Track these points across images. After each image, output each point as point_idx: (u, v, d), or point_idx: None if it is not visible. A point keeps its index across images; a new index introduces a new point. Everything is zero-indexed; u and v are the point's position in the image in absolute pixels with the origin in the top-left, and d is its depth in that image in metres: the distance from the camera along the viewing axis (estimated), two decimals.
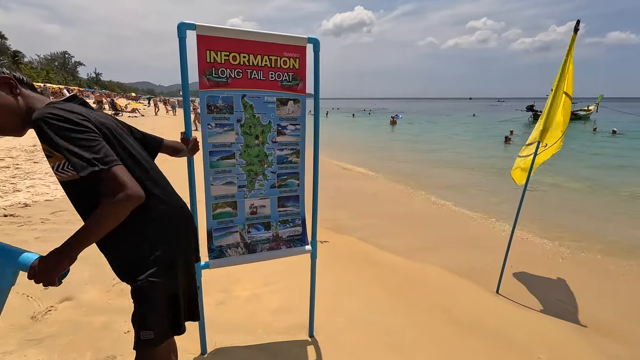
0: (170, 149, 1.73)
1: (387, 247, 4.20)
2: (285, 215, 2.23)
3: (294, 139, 2.17)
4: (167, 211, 1.29)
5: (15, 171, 5.76)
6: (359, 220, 5.20)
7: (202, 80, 1.86)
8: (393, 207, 6.08)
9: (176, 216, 1.34)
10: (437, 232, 4.97)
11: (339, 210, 5.65)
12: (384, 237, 4.58)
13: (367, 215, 5.47)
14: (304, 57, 2.07)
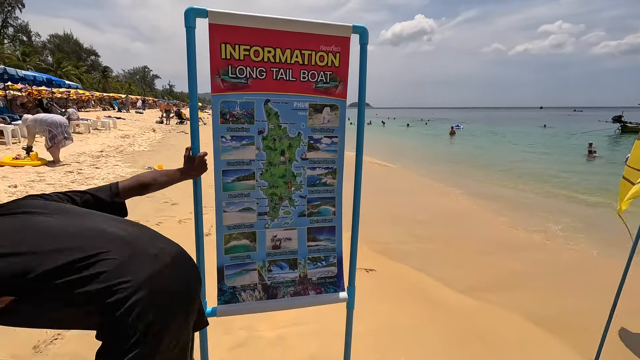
0: (135, 190, 1.33)
1: (451, 281, 3.50)
2: (316, 251, 1.77)
3: (329, 155, 1.70)
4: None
5: (77, 176, 6.07)
6: (416, 244, 4.55)
7: (216, 81, 1.49)
8: (459, 230, 5.30)
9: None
10: (518, 265, 4.09)
11: (391, 229, 5.04)
12: (447, 267, 3.89)
13: (426, 238, 4.79)
14: (346, 51, 1.61)
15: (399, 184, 9.08)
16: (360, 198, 1.75)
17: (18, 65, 35.59)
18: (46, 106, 15.03)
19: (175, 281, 0.92)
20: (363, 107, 1.68)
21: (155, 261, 0.90)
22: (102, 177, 6.14)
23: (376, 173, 10.19)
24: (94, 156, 8.25)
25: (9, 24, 49.57)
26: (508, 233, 5.27)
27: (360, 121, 1.68)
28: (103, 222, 0.97)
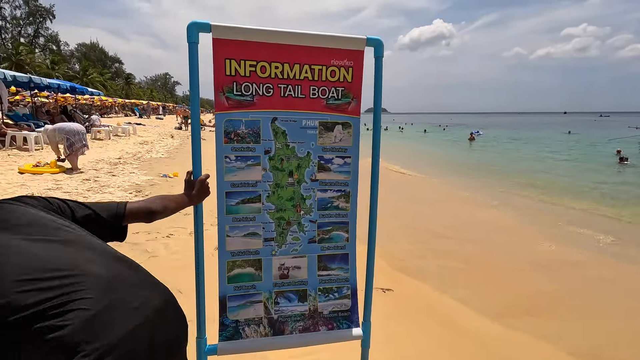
0: (142, 216, 1.19)
1: (475, 304, 3.26)
2: (328, 281, 1.63)
3: (342, 176, 1.57)
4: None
5: (93, 184, 6.14)
6: (436, 260, 4.32)
7: (220, 99, 1.38)
8: (484, 244, 5.03)
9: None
10: (552, 286, 3.76)
11: (409, 243, 4.83)
12: (470, 287, 3.65)
13: (448, 254, 4.55)
14: (360, 65, 1.48)
15: (417, 192, 8.84)
16: (377, 214, 1.61)
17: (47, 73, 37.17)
18: (70, 113, 15.53)
19: (157, 339, 0.80)
20: (378, 123, 1.54)
21: (135, 316, 0.77)
22: (117, 185, 6.19)
23: (394, 181, 9.97)
24: (111, 163, 8.38)
25: (40, 34, 51.94)
26: (538, 249, 4.96)
27: (375, 139, 1.54)
28: (85, 254, 0.85)
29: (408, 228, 5.51)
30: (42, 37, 52.43)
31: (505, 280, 3.89)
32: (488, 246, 5.00)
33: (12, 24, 48.65)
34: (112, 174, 7.19)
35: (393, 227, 5.46)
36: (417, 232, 5.39)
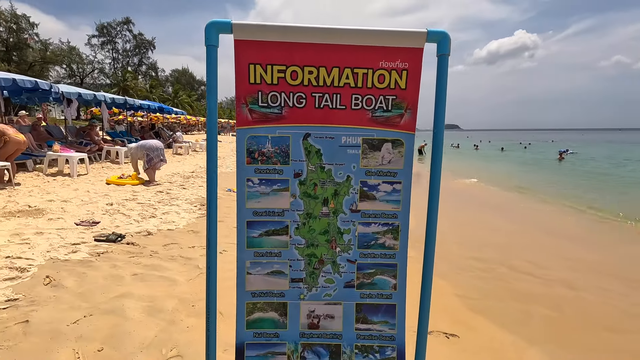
0: None
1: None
2: (368, 337, 1.29)
3: (390, 207, 1.25)
4: None
5: (165, 196, 6.56)
6: (518, 304, 3.61)
7: (242, 112, 1.18)
8: (584, 289, 4.14)
9: None
10: None
11: (483, 278, 4.16)
12: (561, 343, 2.93)
13: (534, 298, 3.81)
14: (417, 66, 1.17)
15: (491, 217, 7.85)
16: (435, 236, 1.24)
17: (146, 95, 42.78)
18: (157, 130, 17.38)
19: None
20: (440, 135, 1.19)
21: None
22: (185, 198, 6.52)
23: (461, 203, 9.06)
24: (185, 177, 8.98)
25: (143, 63, 60.37)
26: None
27: (436, 155, 1.19)
28: None
29: (480, 261, 4.79)
30: (144, 65, 60.81)
31: (611, 341, 3.04)
32: (587, 292, 4.07)
33: (122, 56, 57.33)
34: (183, 187, 7.65)
35: (460, 257, 4.80)
36: (491, 266, 4.65)
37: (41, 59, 37.48)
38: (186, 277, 3.35)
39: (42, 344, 2.19)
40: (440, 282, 3.92)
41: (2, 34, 34.58)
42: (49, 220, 4.66)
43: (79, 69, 48.32)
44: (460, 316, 3.21)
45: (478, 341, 2.83)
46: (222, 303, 2.10)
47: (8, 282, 2.95)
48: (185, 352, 2.22)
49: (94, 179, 7.84)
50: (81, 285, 3.02)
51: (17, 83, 8.14)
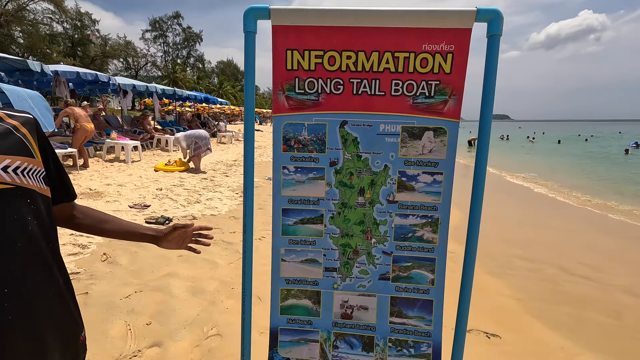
0: (93, 218, 1.03)
1: None
2: (403, 332, 1.26)
3: (429, 198, 1.19)
4: None
5: (209, 183, 6.87)
6: (570, 308, 3.36)
7: (279, 99, 1.18)
8: None
9: None
10: None
11: (529, 280, 3.91)
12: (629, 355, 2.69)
13: (589, 303, 3.52)
14: (464, 48, 1.09)
15: (542, 215, 7.33)
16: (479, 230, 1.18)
17: (194, 87, 44.76)
18: (203, 120, 18.15)
19: None
20: (488, 124, 1.11)
21: None
22: (227, 185, 6.78)
23: (510, 199, 8.54)
24: (227, 165, 9.33)
25: (191, 55, 63.01)
26: None
27: (482, 145, 1.11)
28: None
29: (527, 260, 4.49)
30: (192, 57, 63.43)
31: None
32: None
33: (172, 49, 60.25)
34: (226, 174, 7.96)
35: (505, 255, 4.54)
36: (540, 266, 4.35)
37: (101, 54, 40.53)
38: (227, 261, 3.50)
39: (99, 315, 2.41)
40: (483, 280, 3.74)
41: (69, 31, 37.78)
42: (106, 202, 5.07)
43: (134, 62, 51.60)
44: (503, 317, 3.05)
45: (521, 343, 2.67)
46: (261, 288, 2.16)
47: (72, 257, 3.26)
48: (224, 332, 2.33)
49: (145, 165, 8.40)
50: (133, 263, 3.27)
51: (80, 76, 8.87)
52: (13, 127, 0.77)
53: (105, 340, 2.16)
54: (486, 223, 4.28)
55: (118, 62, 47.72)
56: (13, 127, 0.77)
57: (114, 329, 2.27)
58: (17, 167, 0.73)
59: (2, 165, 0.70)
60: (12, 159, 0.72)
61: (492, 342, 2.67)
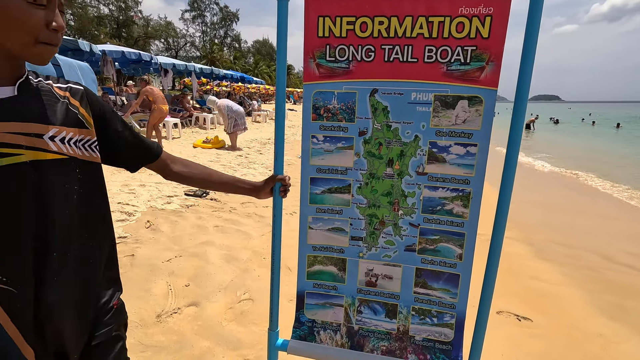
0: (193, 170, 1.11)
1: None
2: (426, 302, 1.27)
3: (461, 171, 1.16)
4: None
5: (244, 160, 7.07)
6: (612, 296, 3.19)
7: (309, 66, 1.18)
8: None
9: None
10: None
11: (567, 267, 3.74)
12: None
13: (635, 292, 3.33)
14: (504, 11, 1.03)
15: (586, 201, 6.87)
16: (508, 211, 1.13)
17: (230, 67, 45.39)
18: (239, 99, 18.46)
19: None
20: (525, 94, 1.05)
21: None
22: (261, 163, 6.94)
23: (549, 182, 8.05)
24: (262, 143, 9.52)
25: (228, 35, 63.59)
26: None
27: (516, 118, 1.06)
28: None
29: (566, 246, 4.27)
30: (229, 37, 64.00)
31: None
32: None
33: (210, 29, 61.07)
34: (260, 152, 8.14)
35: (542, 240, 4.34)
36: (580, 253, 4.12)
37: (144, 34, 41.98)
38: (259, 233, 3.64)
39: (143, 275, 2.62)
40: (517, 263, 3.62)
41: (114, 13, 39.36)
42: (149, 175, 5.39)
43: (174, 43, 53.03)
44: (536, 300, 2.96)
45: (555, 328, 2.59)
46: (291, 259, 2.24)
47: (119, 223, 3.53)
48: (255, 297, 2.46)
49: (185, 142, 8.77)
50: (173, 230, 3.49)
51: (125, 55, 9.29)
52: (64, 98, 0.80)
53: (149, 297, 2.36)
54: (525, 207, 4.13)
55: (159, 42, 49.27)
56: (64, 98, 0.80)
57: (156, 288, 2.47)
58: (69, 138, 0.78)
59: (52, 135, 0.75)
60: (61, 129, 0.76)
61: (523, 324, 2.61)
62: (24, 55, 0.70)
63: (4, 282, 0.71)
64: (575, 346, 2.43)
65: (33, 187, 0.72)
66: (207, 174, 1.14)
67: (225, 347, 1.99)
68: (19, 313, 0.73)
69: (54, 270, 0.77)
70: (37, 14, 0.67)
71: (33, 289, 0.75)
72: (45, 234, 0.75)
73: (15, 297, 0.72)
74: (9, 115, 0.70)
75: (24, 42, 0.67)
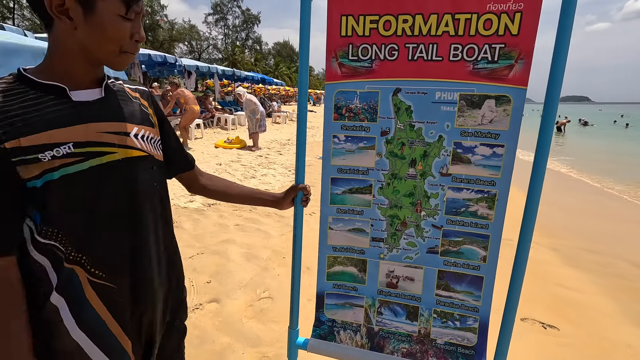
0: (218, 184, 1.16)
1: None
2: (449, 305, 1.25)
3: (486, 172, 1.14)
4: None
5: (264, 160, 7.16)
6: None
7: (332, 66, 1.19)
8: None
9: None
10: None
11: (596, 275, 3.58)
12: None
13: None
14: (535, 6, 1.00)
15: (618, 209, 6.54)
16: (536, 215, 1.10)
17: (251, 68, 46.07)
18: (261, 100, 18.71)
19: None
20: (556, 91, 1.01)
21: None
22: (281, 163, 7.00)
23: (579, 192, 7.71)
24: (281, 143, 9.60)
25: (249, 37, 64.61)
26: None
27: (547, 119, 1.03)
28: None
29: (597, 254, 4.08)
30: (250, 39, 64.99)
31: None
32: None
33: (232, 31, 62.20)
34: (280, 153, 8.21)
35: (569, 246, 4.17)
36: (612, 261, 3.93)
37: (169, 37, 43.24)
38: (279, 232, 3.67)
39: None
40: (543, 269, 3.49)
41: None
42: None
43: (197, 46, 54.33)
44: (563, 309, 2.84)
45: (583, 337, 2.48)
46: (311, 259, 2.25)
47: None
48: (274, 295, 2.48)
49: (207, 142, 8.96)
50: (196, 228, 3.57)
51: (151, 58, 9.59)
52: (135, 99, 0.85)
53: None
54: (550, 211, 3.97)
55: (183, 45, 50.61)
56: (135, 98, 0.86)
57: None
58: (146, 137, 0.83)
59: (136, 133, 0.80)
60: (140, 127, 0.82)
61: (549, 332, 2.51)
62: (108, 62, 0.75)
63: (103, 278, 0.74)
64: (603, 356, 2.32)
65: (126, 184, 0.77)
66: (228, 186, 1.17)
67: (245, 343, 2.01)
68: (119, 307, 0.78)
69: (148, 262, 0.82)
70: (126, 27, 0.72)
71: (129, 283, 0.78)
72: (138, 228, 0.79)
73: (114, 292, 0.76)
74: (102, 116, 0.74)
75: (111, 51, 0.72)
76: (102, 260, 0.74)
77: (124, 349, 0.79)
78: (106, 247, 0.75)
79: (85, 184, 0.71)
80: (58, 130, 0.68)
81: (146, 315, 0.84)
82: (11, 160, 0.64)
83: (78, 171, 0.70)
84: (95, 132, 0.72)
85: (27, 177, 0.66)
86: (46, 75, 0.71)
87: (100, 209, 0.73)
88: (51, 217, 0.70)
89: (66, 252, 0.71)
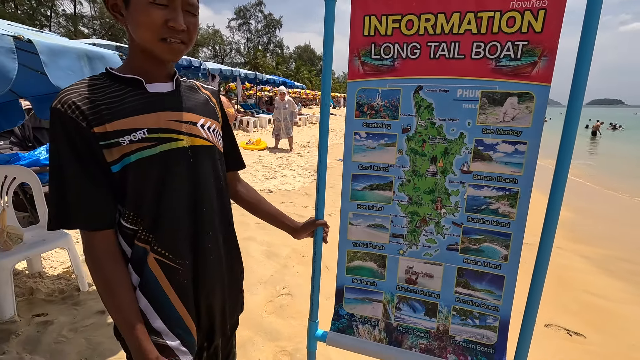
0: (250, 196, 1.22)
1: None
2: (468, 302, 1.25)
3: (508, 169, 1.14)
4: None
5: (284, 161, 7.25)
6: None
7: (354, 64, 1.22)
8: None
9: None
10: None
11: (629, 283, 3.43)
12: None
13: None
14: (559, 4, 0.99)
15: None
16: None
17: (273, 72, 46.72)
18: None
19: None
20: (581, 90, 1.00)
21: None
22: (301, 165, 7.07)
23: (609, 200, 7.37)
24: (301, 145, 9.69)
25: (271, 41, 65.60)
26: None
27: (571, 119, 1.02)
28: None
29: (629, 262, 3.90)
30: (272, 43, 65.95)
31: None
32: None
33: (254, 35, 63.34)
34: (300, 154, 8.29)
35: (602, 255, 4.00)
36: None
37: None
38: None
39: None
40: (570, 275, 3.38)
41: None
42: None
43: (220, 50, 55.64)
44: (591, 317, 2.74)
45: (611, 346, 2.39)
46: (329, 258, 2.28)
47: None
48: (294, 292, 2.52)
49: None
50: None
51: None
52: (207, 96, 0.96)
53: None
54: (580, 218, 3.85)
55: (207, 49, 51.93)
56: (207, 96, 0.96)
57: None
58: (212, 128, 0.91)
59: (202, 124, 0.88)
60: (206, 119, 0.90)
61: (574, 340, 2.43)
62: (153, 52, 0.78)
63: (169, 259, 0.81)
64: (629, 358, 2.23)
65: (191, 169, 0.83)
66: (259, 201, 1.23)
67: (264, 337, 2.06)
68: (184, 289, 0.83)
69: (208, 248, 0.87)
70: (157, 13, 0.73)
71: (191, 266, 0.84)
72: (201, 213, 0.85)
73: (180, 273, 0.82)
74: (172, 106, 0.82)
75: (148, 39, 0.75)
76: (167, 241, 0.80)
77: (189, 330, 0.85)
78: (171, 228, 0.80)
79: (156, 167, 0.78)
80: (135, 117, 0.76)
81: (205, 303, 0.89)
82: (99, 144, 0.73)
83: (150, 155, 0.77)
84: (165, 119, 0.79)
85: (110, 161, 0.74)
86: (127, 70, 0.80)
87: (167, 192, 0.79)
88: (127, 200, 0.77)
89: (138, 232, 0.79)
